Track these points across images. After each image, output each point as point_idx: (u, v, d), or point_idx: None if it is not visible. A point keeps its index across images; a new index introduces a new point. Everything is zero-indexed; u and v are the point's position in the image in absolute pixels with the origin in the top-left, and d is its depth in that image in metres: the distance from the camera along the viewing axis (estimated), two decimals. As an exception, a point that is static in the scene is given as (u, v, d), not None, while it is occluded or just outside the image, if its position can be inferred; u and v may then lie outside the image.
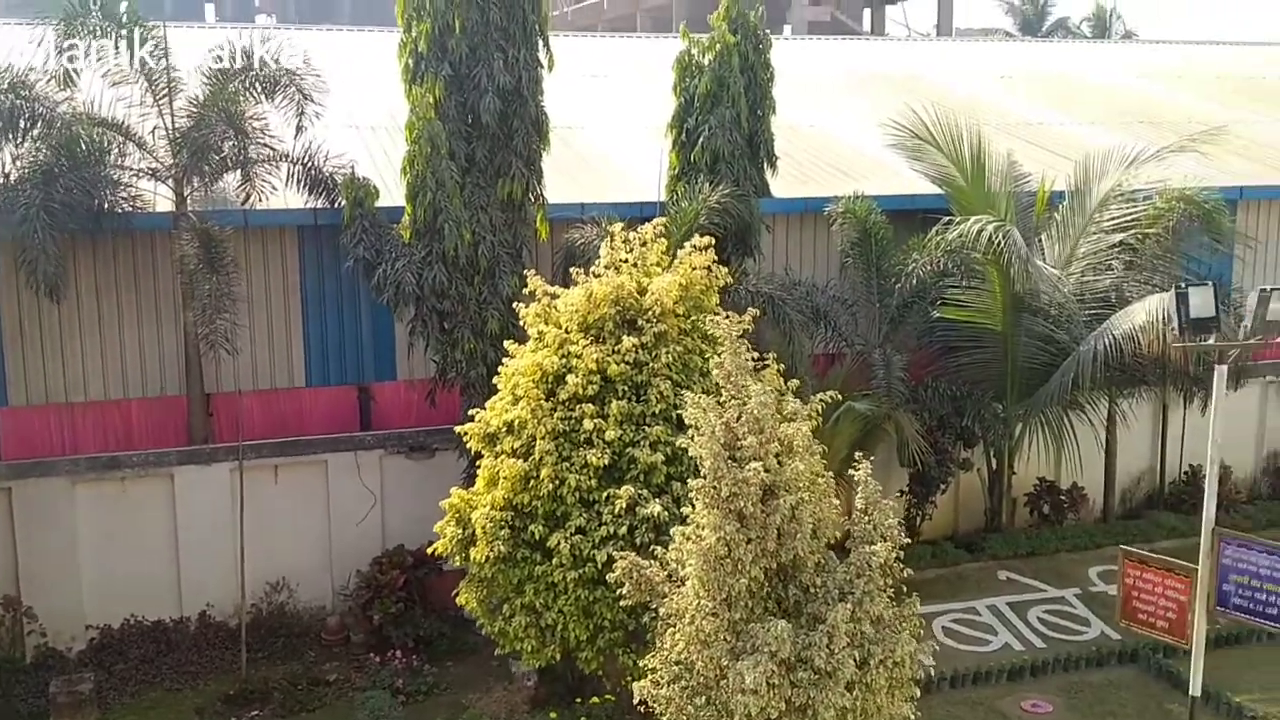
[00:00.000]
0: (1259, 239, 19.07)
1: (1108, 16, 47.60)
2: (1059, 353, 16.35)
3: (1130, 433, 18.28)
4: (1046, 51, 31.17)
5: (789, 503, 8.41)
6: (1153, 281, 16.75)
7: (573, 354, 11.41)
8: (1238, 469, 19.07)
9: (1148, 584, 9.90)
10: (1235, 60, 29.23)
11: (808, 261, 17.69)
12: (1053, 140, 21.13)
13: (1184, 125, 21.12)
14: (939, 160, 17.00)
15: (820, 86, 23.94)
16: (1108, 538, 17.28)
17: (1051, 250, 16.98)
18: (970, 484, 17.82)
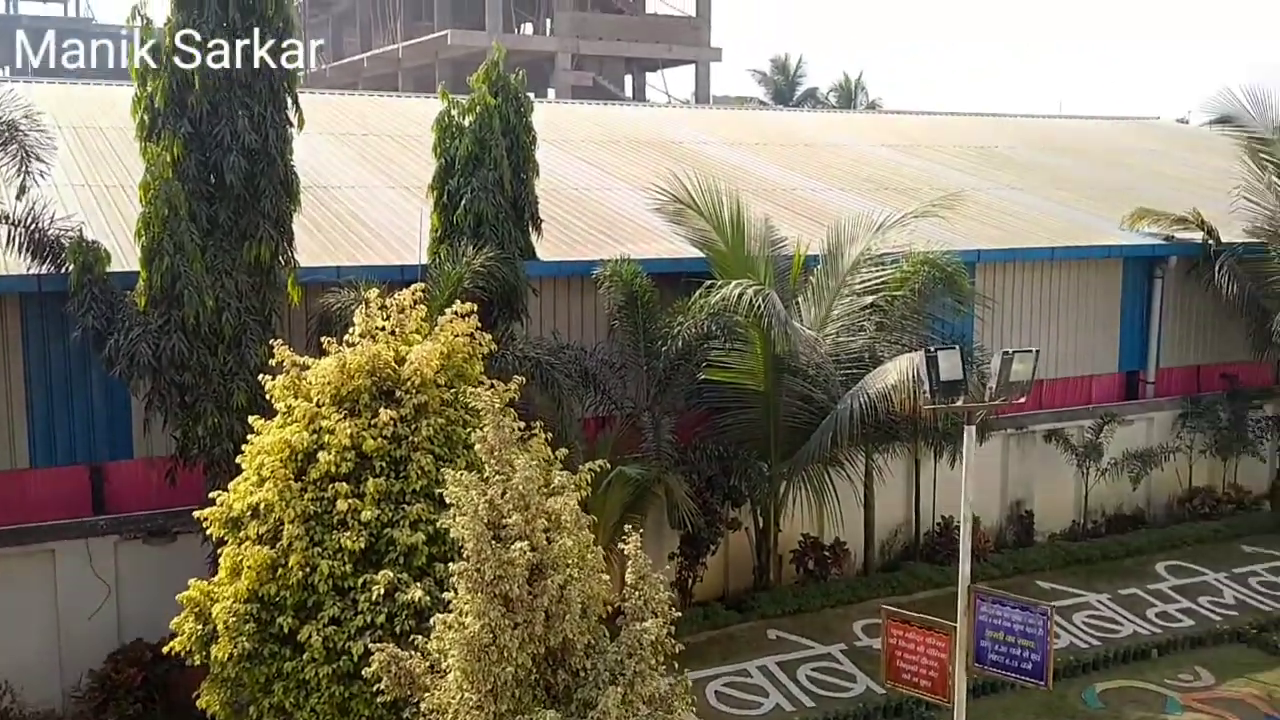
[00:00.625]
0: (996, 299, 20.24)
1: (853, 88, 50.41)
2: (818, 411, 16.74)
3: (887, 487, 18.90)
4: (798, 120, 32.55)
5: (557, 582, 8.07)
6: (902, 341, 17.43)
7: (325, 429, 10.74)
8: (985, 518, 20.02)
9: (910, 643, 10.08)
10: (970, 130, 31.32)
11: (576, 325, 17.54)
12: (807, 205, 21.90)
13: (925, 191, 22.32)
14: (700, 224, 17.24)
15: (585, 150, 24.08)
16: (869, 591, 17.73)
17: (808, 312, 17.44)
18: (739, 543, 17.96)
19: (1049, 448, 20.91)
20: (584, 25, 46.78)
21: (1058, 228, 22.62)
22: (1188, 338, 22.87)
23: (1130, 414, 21.73)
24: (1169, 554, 19.92)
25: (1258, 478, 22.71)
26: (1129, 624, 17.39)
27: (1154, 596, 18.32)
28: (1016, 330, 20.84)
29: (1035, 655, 9.43)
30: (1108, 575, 19.02)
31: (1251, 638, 16.99)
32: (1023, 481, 20.87)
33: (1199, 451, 22.14)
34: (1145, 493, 21.89)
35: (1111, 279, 22.03)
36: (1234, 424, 22.08)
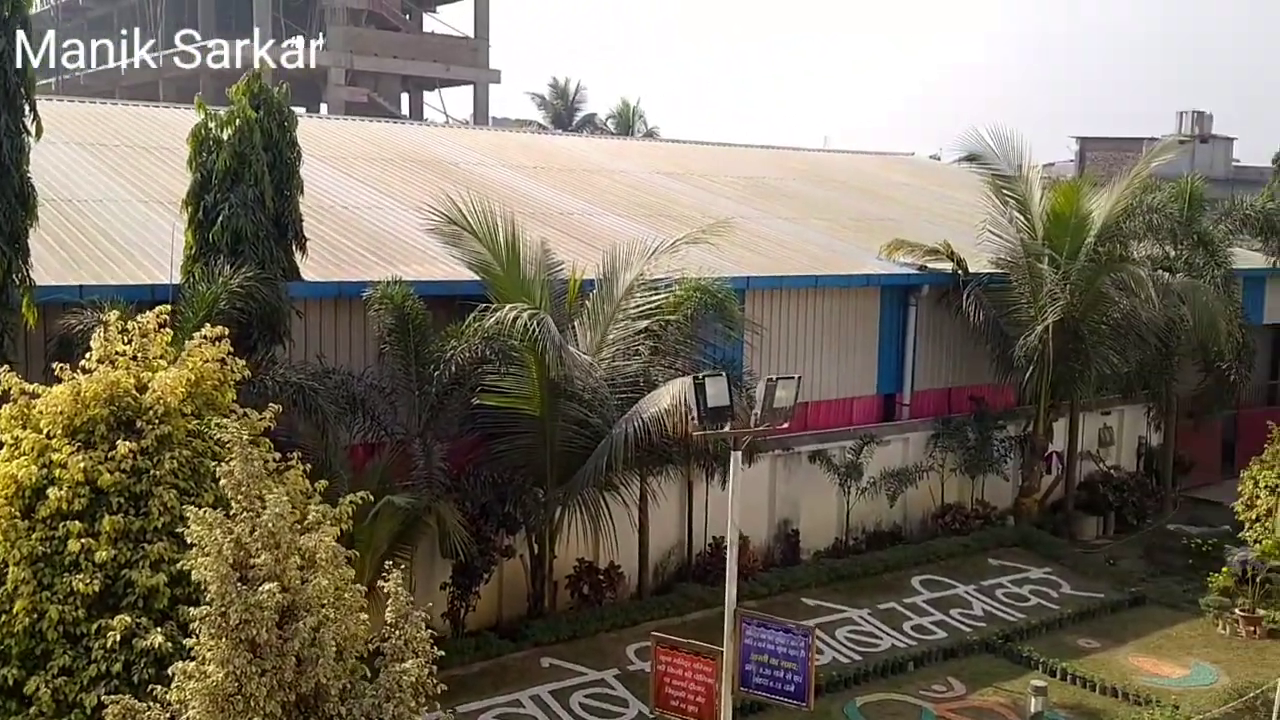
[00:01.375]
0: (765, 325, 20.82)
1: (631, 114, 51.19)
2: (594, 436, 16.74)
3: (660, 509, 19.10)
4: (576, 144, 32.73)
5: (310, 625, 7.65)
6: (676, 365, 17.69)
7: (55, 463, 9.88)
8: (754, 538, 20.49)
9: (678, 669, 10.12)
10: (743, 161, 32.26)
11: (344, 348, 16.94)
12: (584, 230, 21.98)
13: (699, 219, 22.76)
14: (476, 247, 16.99)
15: (357, 168, 23.42)
16: (643, 614, 17.82)
17: (584, 336, 17.45)
18: (513, 570, 17.72)
19: (814, 468, 21.63)
20: (358, 41, 45.72)
21: (822, 256, 23.52)
22: (940, 362, 24.17)
23: (888, 435, 22.75)
24: (924, 568, 20.90)
25: (1002, 494, 24.18)
26: (888, 638, 18.11)
27: (910, 610, 19.17)
28: (784, 355, 21.50)
29: (797, 676, 9.63)
30: (868, 590, 19.79)
31: (998, 647, 17.99)
32: (790, 501, 21.50)
33: (950, 470, 23.39)
34: (902, 509, 22.95)
35: (870, 306, 23.06)
36: (981, 444, 23.44)
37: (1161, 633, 18.87)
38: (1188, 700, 16.11)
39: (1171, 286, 23.12)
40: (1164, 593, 20.48)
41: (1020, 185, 23.26)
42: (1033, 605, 19.75)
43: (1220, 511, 23.75)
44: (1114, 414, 26.54)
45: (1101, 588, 20.67)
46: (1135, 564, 22.47)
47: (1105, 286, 22.47)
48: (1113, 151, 48.62)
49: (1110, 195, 22.99)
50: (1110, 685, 16.62)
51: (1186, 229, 25.22)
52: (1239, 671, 17.26)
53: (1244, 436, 26.98)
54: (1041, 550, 22.19)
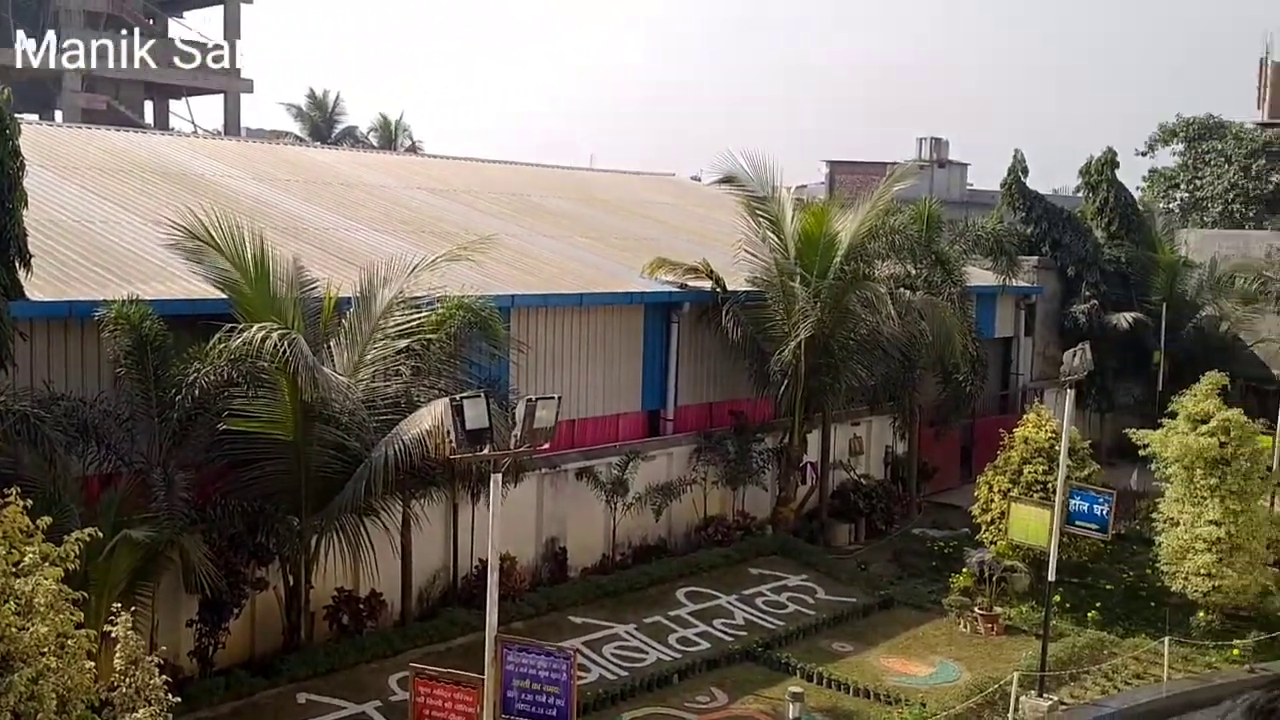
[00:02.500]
0: (530, 344, 20.71)
1: (394, 128, 50.20)
2: (353, 460, 16.16)
3: (424, 533, 18.64)
4: (335, 158, 31.75)
5: (27, 676, 6.96)
6: (439, 386, 17.31)
7: None
8: (521, 558, 20.31)
9: (438, 700, 9.82)
10: (507, 178, 32.12)
11: (75, 373, 15.73)
12: (341, 246, 21.29)
13: (462, 236, 22.44)
14: (221, 264, 16.12)
15: (91, 180, 21.89)
16: (406, 642, 17.33)
17: (341, 357, 16.84)
18: (267, 603, 16.89)
19: (580, 485, 21.67)
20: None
21: (586, 274, 23.64)
22: (702, 377, 24.73)
23: (652, 450, 23.06)
24: (688, 580, 21.27)
25: (762, 504, 24.93)
26: (654, 651, 18.30)
27: (675, 623, 19.45)
28: (550, 373, 21.46)
29: (560, 700, 9.52)
30: (634, 605, 19.95)
31: (759, 655, 18.47)
32: (557, 519, 21.45)
33: (712, 482, 23.94)
34: (667, 523, 23.30)
35: (634, 323, 23.35)
36: (740, 456, 24.10)
37: (909, 633, 19.86)
38: (934, 697, 16.98)
39: (912, 303, 24.50)
40: (911, 594, 21.57)
41: (773, 206, 24.12)
42: (790, 612, 20.40)
43: (960, 515, 25.30)
44: (863, 424, 27.87)
45: (854, 592, 21.58)
46: (885, 568, 23.59)
47: (852, 304, 23.55)
48: (859, 175, 51.29)
49: (856, 217, 24.15)
50: (863, 686, 17.34)
51: (925, 249, 26.81)
52: (979, 667, 18.34)
53: (979, 443, 28.87)
54: (799, 558, 22.99)
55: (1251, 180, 47.00)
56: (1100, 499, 18.94)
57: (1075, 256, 34.10)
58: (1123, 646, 19.03)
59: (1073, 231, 34.47)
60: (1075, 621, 19.93)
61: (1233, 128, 49.58)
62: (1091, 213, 35.96)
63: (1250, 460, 19.71)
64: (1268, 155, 47.17)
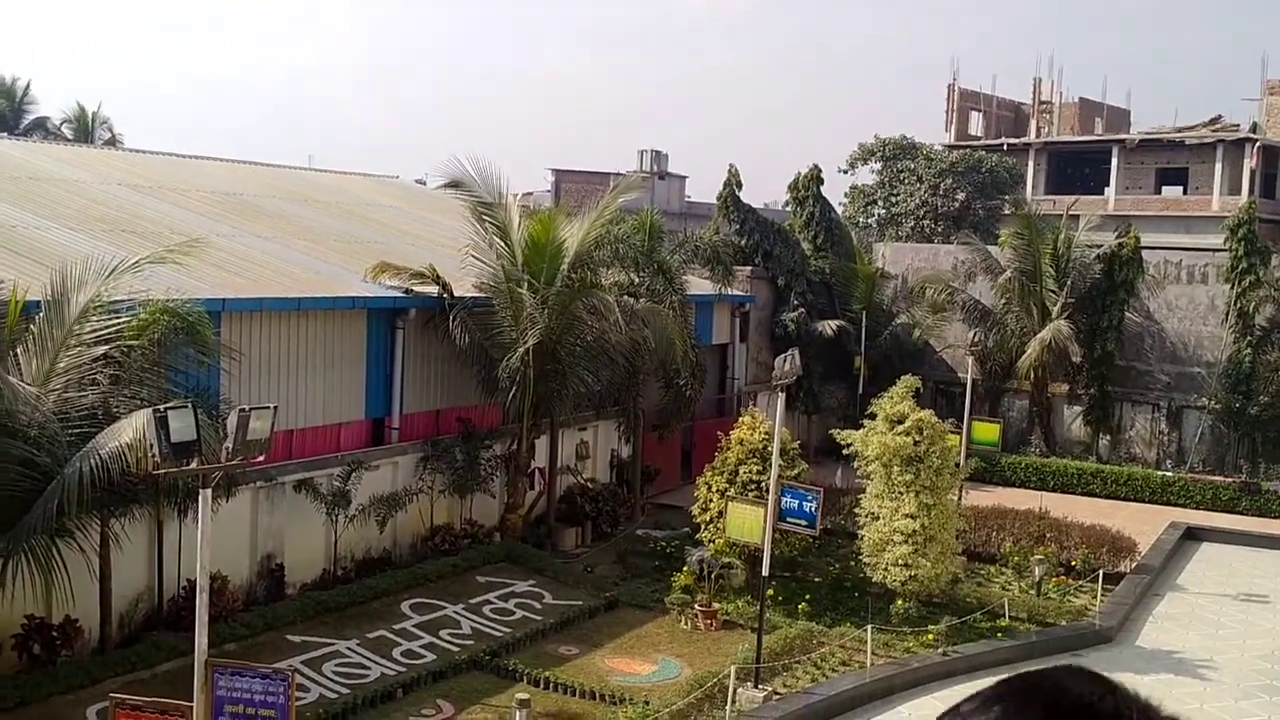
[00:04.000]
0: (244, 351, 19.73)
1: (90, 120, 46.72)
2: (43, 476, 14.86)
3: (125, 554, 17.38)
4: (22, 150, 29.18)
5: None
6: (141, 395, 16.19)
7: None
8: (234, 576, 19.31)
9: (142, 732, 9.18)
10: (218, 175, 30.45)
11: None
12: (29, 245, 19.57)
13: (167, 236, 21.15)
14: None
15: None
16: (106, 670, 16.13)
17: (30, 365, 15.50)
18: (-59, 637, 15.31)
19: (299, 498, 20.86)
20: None
21: (305, 278, 22.79)
22: (429, 384, 24.36)
23: (377, 459, 22.51)
24: (414, 591, 20.86)
25: (490, 512, 24.83)
26: (377, 666, 17.84)
27: (400, 636, 19.04)
28: (266, 381, 20.54)
29: (276, 724, 9.11)
30: (357, 620, 19.38)
31: (486, 664, 18.37)
32: (273, 534, 20.55)
33: (439, 491, 23.63)
34: (392, 534, 22.80)
35: (357, 329, 22.72)
36: (469, 464, 23.91)
37: (633, 633, 20.28)
38: (657, 694, 17.40)
39: (636, 311, 25.09)
40: (634, 594, 22.04)
41: (501, 213, 24.09)
42: (518, 618, 20.40)
43: (681, 515, 26.07)
44: (589, 429, 28.28)
45: (580, 595, 21.83)
46: (610, 569, 24.01)
47: (579, 310, 23.86)
48: (584, 184, 52.08)
49: (582, 225, 24.48)
50: (589, 688, 17.56)
51: (648, 258, 27.52)
52: (700, 662, 18.95)
53: (699, 445, 29.87)
54: (526, 564, 23.03)
55: (940, 198, 51.06)
56: (809, 496, 20.01)
57: (785, 267, 35.93)
58: (830, 635, 20.14)
59: (783, 243, 36.29)
60: (787, 614, 20.93)
61: (924, 149, 53.75)
62: (799, 226, 37.98)
63: (940, 457, 21.32)
64: (954, 175, 51.39)
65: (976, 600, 22.20)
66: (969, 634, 20.81)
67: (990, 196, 51.01)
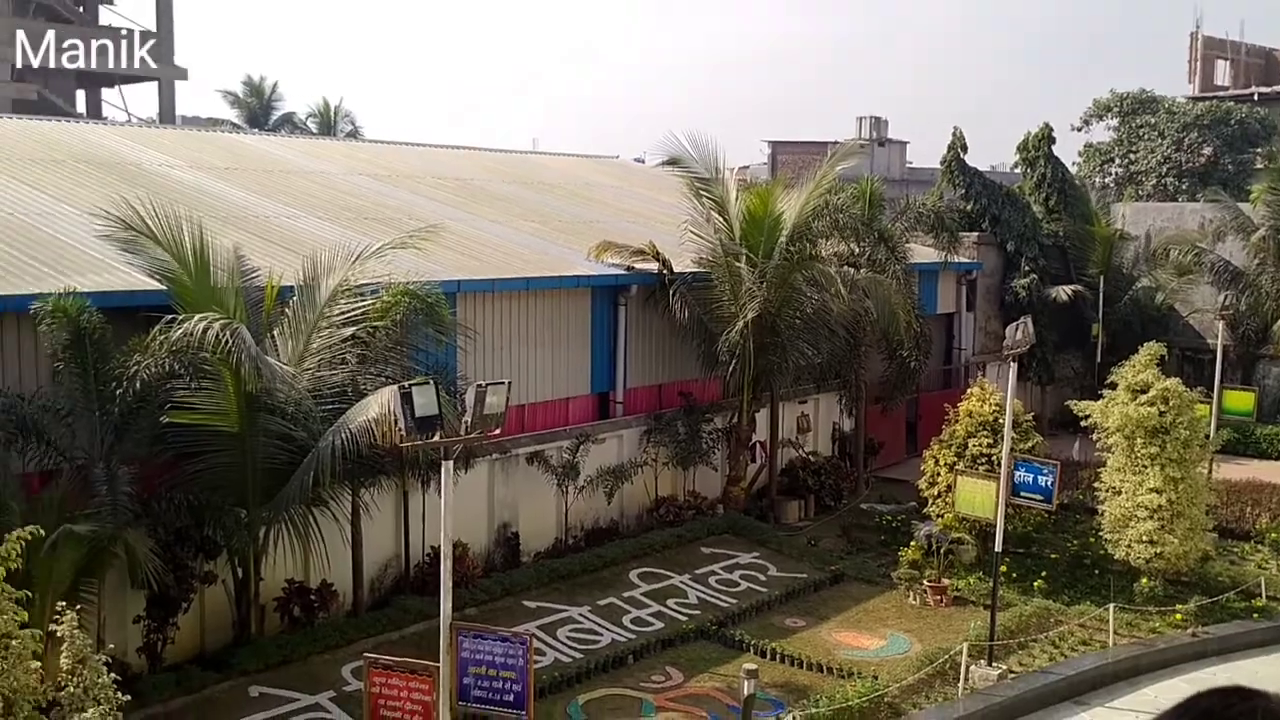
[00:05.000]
0: (477, 329, 20.60)
1: (333, 114, 49.55)
2: (300, 450, 15.98)
3: (375, 522, 18.51)
4: (273, 145, 31.28)
5: (-30, 679, 6.83)
6: (385, 373, 17.15)
7: None
8: (474, 544, 20.26)
9: (394, 690, 9.76)
10: (450, 163, 31.84)
11: (12, 369, 15.42)
12: (282, 234, 21.00)
13: (405, 222, 22.28)
14: (159, 254, 15.86)
15: (23, 170, 21.39)
16: (359, 631, 17.23)
17: (285, 347, 16.64)
18: (216, 597, 16.70)
19: (532, 469, 21.64)
20: (26, 34, 41.84)
21: (532, 259, 23.54)
22: (651, 359, 24.76)
23: (603, 433, 23.08)
24: (641, 561, 21.33)
25: (712, 484, 25.06)
26: (608, 633, 18.35)
27: (629, 604, 19.51)
28: (498, 358, 21.37)
29: (516, 686, 9.51)
30: (588, 588, 19.98)
31: (713, 633, 18.60)
32: (508, 504, 21.41)
33: (663, 464, 24.01)
34: (619, 505, 23.35)
35: (582, 307, 23.30)
36: (690, 437, 24.19)
37: (860, 607, 20.09)
38: (885, 669, 17.20)
39: (857, 281, 24.68)
40: (860, 569, 21.81)
41: (717, 188, 24.16)
42: (743, 590, 20.55)
43: (906, 489, 25.60)
44: (810, 402, 28.09)
45: (805, 568, 21.78)
46: (834, 543, 23.83)
47: (798, 283, 23.69)
48: (801, 155, 51.52)
49: (800, 196, 24.26)
50: (816, 661, 17.52)
51: (868, 227, 27.00)
52: (929, 638, 18.60)
53: (924, 418, 29.22)
54: (750, 536, 23.15)
55: (1184, 154, 47.88)
56: (1044, 470, 19.26)
57: (1014, 232, 34.54)
58: (1068, 614, 19.38)
59: (1011, 207, 34.89)
60: (1021, 591, 20.27)
61: (1165, 102, 50.45)
62: (1029, 188, 36.41)
63: (1189, 428, 20.12)
64: (1199, 129, 48.05)
65: (1229, 579, 20.89)
66: (1221, 614, 19.61)
67: (1240, 150, 47.45)
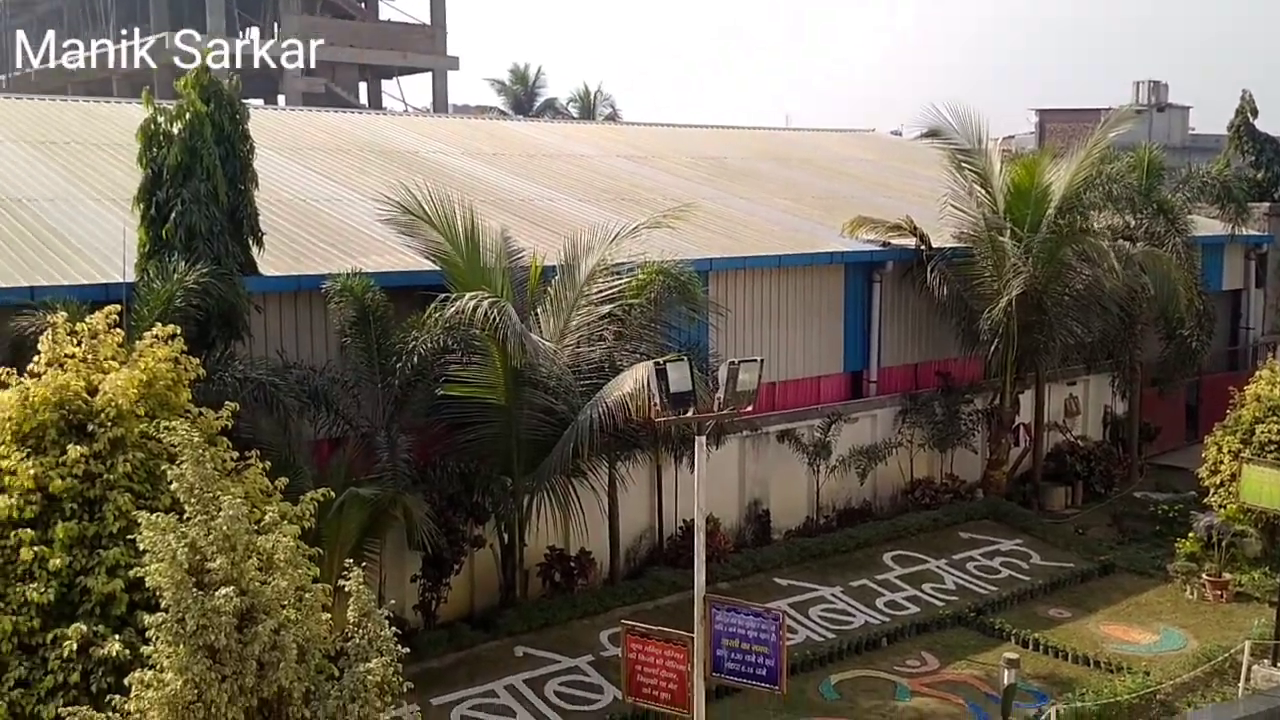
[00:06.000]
0: (729, 307, 20.73)
1: (592, 98, 50.85)
2: (560, 423, 16.63)
3: (630, 494, 19.02)
4: (537, 130, 32.48)
5: (270, 627, 7.51)
6: (640, 350, 17.55)
7: (4, 470, 9.68)
8: (725, 519, 20.47)
9: (650, 657, 10.06)
10: (703, 141, 32.14)
11: (304, 343, 16.73)
12: (545, 216, 21.80)
13: (660, 201, 22.65)
14: (434, 236, 16.83)
15: (314, 159, 23.12)
16: (615, 599, 17.77)
17: (547, 323, 17.32)
18: (484, 560, 17.62)
19: (783, 447, 21.62)
20: (313, 30, 45.11)
21: (785, 236, 23.45)
22: (906, 338, 24.20)
23: (855, 412, 22.77)
24: (895, 544, 20.94)
25: (971, 467, 24.27)
26: (861, 615, 18.14)
27: (882, 586, 19.21)
28: (749, 335, 21.44)
29: (769, 660, 9.59)
30: (840, 568, 19.81)
31: (971, 620, 18.06)
32: (759, 481, 21.48)
33: (919, 445, 23.45)
34: (872, 486, 23.00)
35: (835, 284, 23.03)
36: (948, 418, 23.50)
37: (1131, 600, 19.01)
38: (1158, 666, 16.23)
39: (1133, 256, 23.25)
40: (1132, 560, 20.62)
41: (980, 159, 23.28)
42: (1004, 577, 19.84)
43: (1185, 477, 23.96)
44: (1079, 384, 26.71)
45: (1071, 557, 20.80)
46: (1104, 532, 22.62)
47: (1067, 258, 22.54)
48: (1071, 123, 48.83)
49: (1069, 167, 23.05)
50: (1081, 654, 16.74)
51: (1146, 198, 25.35)
52: (1207, 635, 17.42)
53: (1206, 402, 27.21)
54: (1011, 522, 22.31)
55: None
56: (1347, 460, 17.59)
57: (1313, 201, 31.57)
58: (1372, 618, 17.65)
59: (1310, 174, 31.92)
60: (1317, 590, 18.63)
61: None
62: (1331, 153, 33.17)
63: None
64: None
65: None
66: None
67: None
